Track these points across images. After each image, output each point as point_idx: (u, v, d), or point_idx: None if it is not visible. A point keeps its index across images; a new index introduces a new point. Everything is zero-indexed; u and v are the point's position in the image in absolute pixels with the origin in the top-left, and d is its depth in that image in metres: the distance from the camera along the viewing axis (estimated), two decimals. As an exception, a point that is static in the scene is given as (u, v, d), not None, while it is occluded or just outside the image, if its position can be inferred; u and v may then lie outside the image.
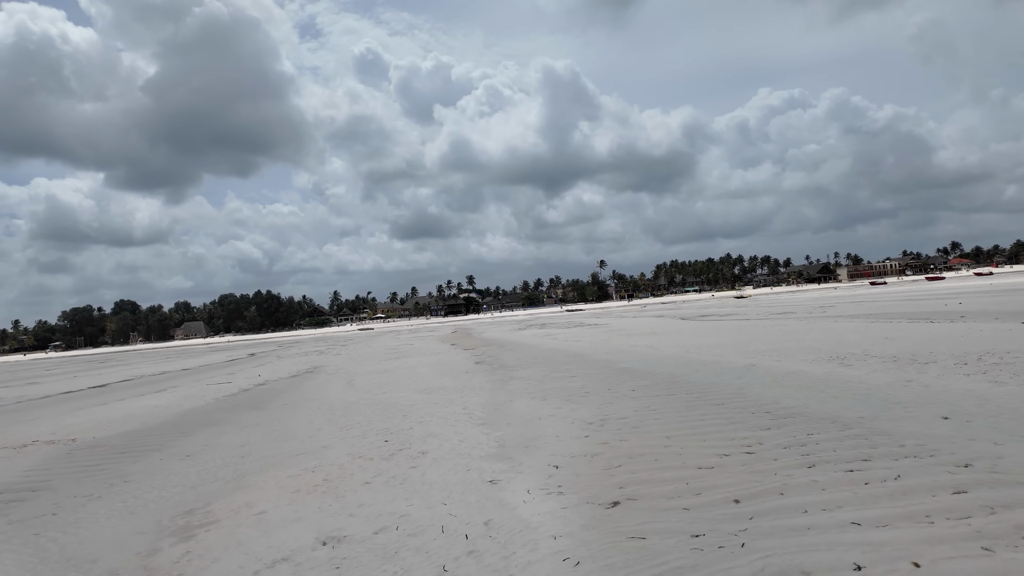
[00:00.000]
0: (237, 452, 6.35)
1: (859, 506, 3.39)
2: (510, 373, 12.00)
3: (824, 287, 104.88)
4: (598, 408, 7.14)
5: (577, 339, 21.08)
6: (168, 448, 6.96)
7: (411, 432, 6.58)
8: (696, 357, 11.82)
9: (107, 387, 17.81)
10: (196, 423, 8.84)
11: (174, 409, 10.74)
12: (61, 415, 11.16)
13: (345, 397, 10.41)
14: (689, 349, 13.56)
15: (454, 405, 8.39)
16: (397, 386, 11.49)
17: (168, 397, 12.94)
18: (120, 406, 11.91)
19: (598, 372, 10.83)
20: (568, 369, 11.74)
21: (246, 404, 10.68)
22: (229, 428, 8.10)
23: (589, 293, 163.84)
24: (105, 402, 13.01)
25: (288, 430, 7.51)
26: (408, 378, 12.78)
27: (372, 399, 9.83)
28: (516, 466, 4.82)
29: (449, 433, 6.34)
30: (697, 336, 17.41)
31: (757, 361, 10.39)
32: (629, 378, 9.66)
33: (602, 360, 12.87)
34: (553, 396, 8.42)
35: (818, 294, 58.93)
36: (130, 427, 8.96)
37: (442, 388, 10.53)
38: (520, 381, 10.55)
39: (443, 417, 7.44)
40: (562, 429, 6.08)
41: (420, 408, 8.40)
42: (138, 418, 9.89)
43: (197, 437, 7.54)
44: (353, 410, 8.78)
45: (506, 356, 16.40)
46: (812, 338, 13.65)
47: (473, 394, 9.38)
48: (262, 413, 9.37)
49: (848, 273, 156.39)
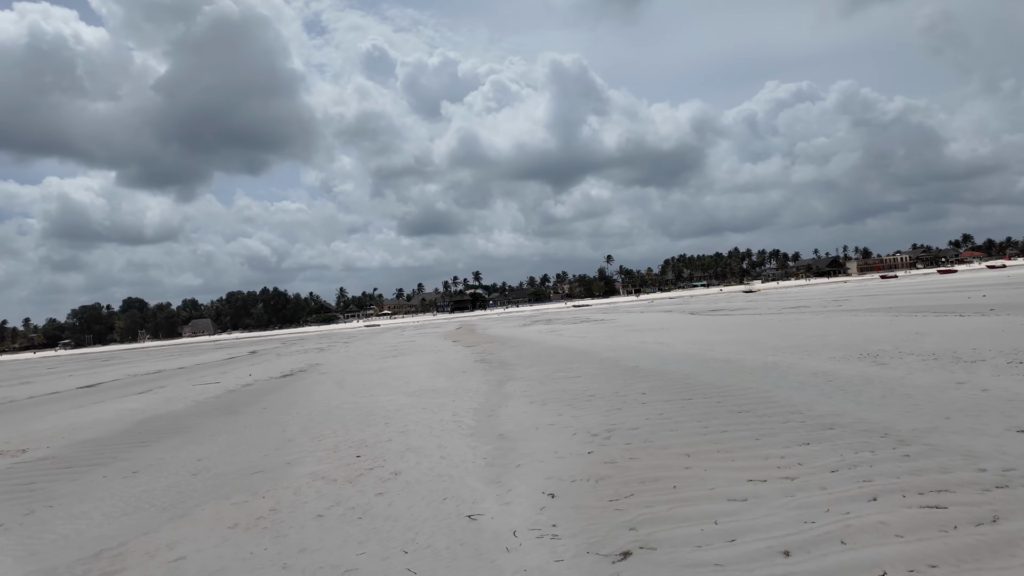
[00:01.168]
0: (190, 469, 5.55)
1: (955, 565, 2.51)
2: (509, 373, 11.15)
3: (834, 281, 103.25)
4: (604, 415, 6.28)
5: (582, 335, 20.21)
6: (118, 462, 6.17)
7: (389, 445, 5.75)
8: (710, 355, 10.92)
9: (95, 387, 17.13)
10: (163, 430, 8.06)
11: (148, 413, 9.98)
12: (30, 420, 10.43)
13: (329, 400, 9.60)
14: (702, 346, 12.65)
15: (444, 411, 7.55)
16: (387, 387, 10.68)
17: (148, 399, 12.19)
18: (96, 409, 11.17)
19: (604, 372, 9.96)
20: (572, 368, 10.88)
21: (224, 408, 9.90)
22: (195, 437, 7.31)
23: (596, 288, 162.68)
24: (83, 404, 12.28)
25: (256, 441, 6.70)
26: (401, 378, 11.96)
27: (357, 403, 9.01)
28: (504, 494, 3.97)
29: (431, 447, 5.50)
30: (709, 332, 16.48)
31: (778, 359, 9.48)
32: (638, 379, 8.78)
33: (608, 358, 11.99)
34: (554, 400, 7.56)
35: (829, 288, 57.66)
36: (92, 435, 8.19)
37: (434, 390, 9.70)
38: (519, 382, 9.71)
39: (429, 426, 6.60)
40: (562, 442, 5.23)
41: (406, 414, 7.56)
42: (106, 424, 9.13)
43: (156, 448, 6.75)
44: (333, 416, 7.96)
45: (507, 354, 15.55)
46: (835, 333, 12.70)
47: (467, 397, 8.54)
48: (237, 419, 8.57)
49: (858, 267, 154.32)
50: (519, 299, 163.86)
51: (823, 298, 32.80)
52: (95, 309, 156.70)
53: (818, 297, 35.15)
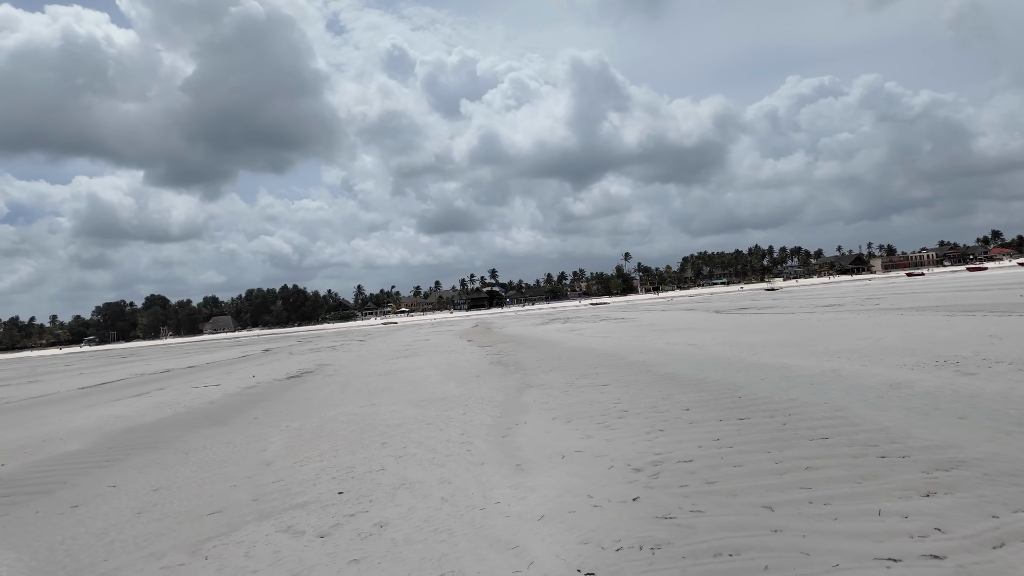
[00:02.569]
0: (138, 504, 4.55)
1: None
2: (528, 378, 10.05)
3: (858, 279, 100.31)
4: (645, 439, 5.14)
5: (605, 335, 19.02)
6: (65, 490, 5.21)
7: (381, 476, 4.68)
8: (754, 359, 9.69)
9: (95, 388, 16.44)
10: (135, 445, 7.12)
11: (131, 421, 9.09)
12: (2, 429, 9.62)
13: (326, 410, 8.60)
14: (742, 349, 11.41)
15: (451, 427, 6.47)
16: (393, 394, 9.65)
17: (140, 404, 11.35)
18: (79, 416, 10.34)
19: (636, 378, 8.81)
20: (597, 374, 9.74)
21: (213, 417, 8.96)
22: (165, 456, 6.34)
23: (614, 286, 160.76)
24: (71, 409, 11.48)
25: (230, 463, 5.70)
26: (409, 383, 10.93)
27: (355, 414, 7.99)
28: (524, 570, 2.87)
29: (432, 482, 4.42)
30: (743, 332, 15.19)
31: (838, 366, 8.23)
32: (676, 388, 7.61)
33: (637, 362, 10.82)
34: (581, 416, 6.43)
35: (856, 286, 55.44)
36: (57, 450, 7.29)
37: (443, 399, 8.64)
38: (539, 391, 8.60)
39: (432, 449, 5.52)
40: (596, 479, 4.11)
41: (407, 430, 6.50)
42: (80, 435, 8.24)
43: (114, 471, 5.79)
44: (326, 431, 6.94)
45: (525, 356, 14.46)
46: (891, 336, 11.36)
47: (479, 410, 7.45)
48: (221, 431, 7.60)
49: (882, 264, 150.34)
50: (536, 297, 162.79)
51: (854, 296, 31.11)
52: (119, 306, 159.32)
53: (849, 295, 33.43)
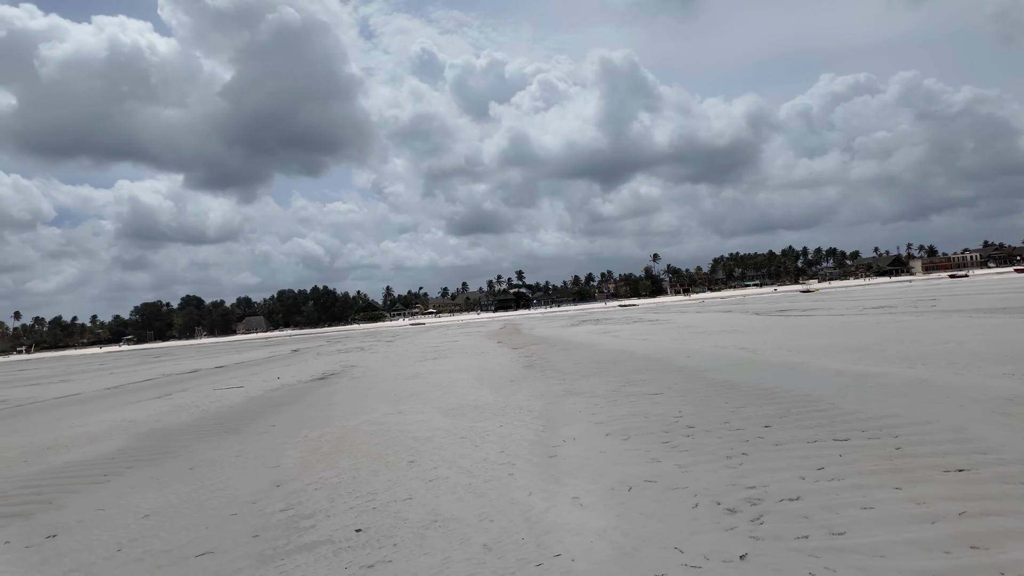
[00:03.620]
0: (119, 538, 3.83)
1: None
2: (568, 384, 9.16)
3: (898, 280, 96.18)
4: (727, 466, 4.22)
5: (642, 337, 17.98)
6: (47, 512, 4.55)
7: (408, 510, 3.87)
8: (821, 365, 8.61)
9: (119, 389, 16.17)
10: (140, 456, 6.49)
11: (143, 427, 8.53)
12: (7, 434, 9.17)
13: (349, 417, 7.86)
14: (800, 353, 10.31)
15: (488, 443, 5.64)
16: (421, 400, 8.88)
17: (158, 407, 10.84)
18: (93, 420, 9.86)
19: (690, 386, 7.84)
20: (644, 380, 8.80)
21: (229, 423, 8.33)
22: (167, 471, 5.67)
23: (642, 288, 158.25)
24: (87, 412, 11.05)
25: (236, 483, 4.97)
26: (438, 387, 10.16)
27: (380, 423, 7.22)
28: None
29: (469, 519, 3.59)
30: (795, 335, 13.99)
31: (924, 374, 7.12)
32: (743, 399, 6.64)
33: (687, 367, 9.83)
34: (638, 432, 5.53)
35: (898, 287, 52.79)
36: (60, 459, 6.71)
37: (476, 407, 7.82)
38: (582, 398, 7.71)
39: (467, 471, 4.69)
40: (681, 526, 3.22)
41: (438, 446, 5.69)
42: (86, 443, 7.68)
43: (107, 490, 5.12)
44: (346, 443, 6.18)
45: (560, 359, 13.56)
46: (972, 339, 10.10)
47: (517, 421, 6.61)
48: (234, 441, 6.93)
49: (923, 265, 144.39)
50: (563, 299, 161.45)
51: (901, 298, 29.28)
52: (156, 306, 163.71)
53: (894, 297, 31.56)
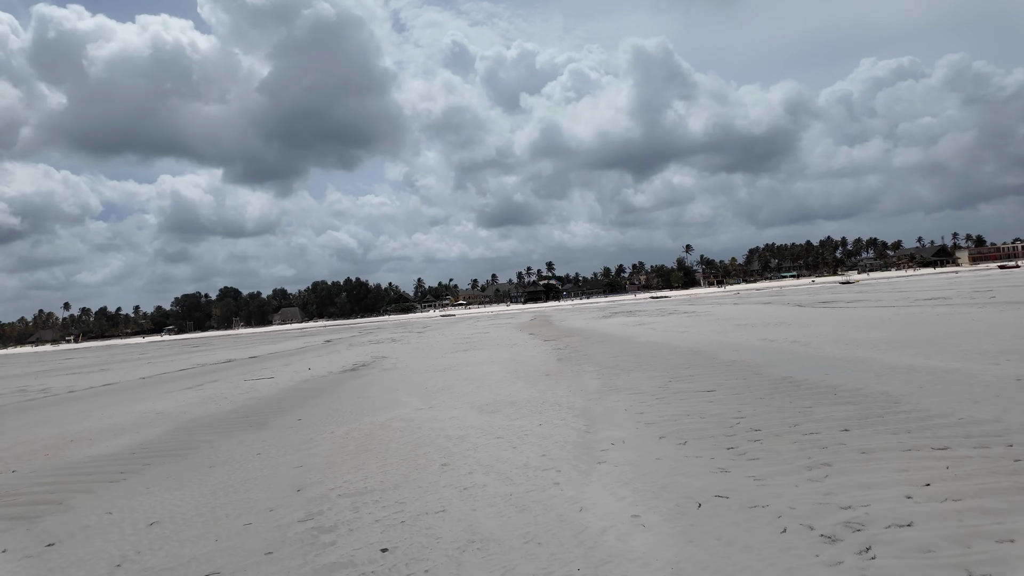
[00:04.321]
0: (118, 554, 3.45)
1: None
2: (608, 379, 8.57)
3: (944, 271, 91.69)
4: (810, 479, 3.59)
5: (682, 329, 17.19)
6: (56, 515, 4.23)
7: (441, 525, 3.38)
8: (888, 360, 7.80)
9: (155, 378, 16.27)
10: (162, 451, 6.20)
11: (170, 420, 8.31)
12: (37, 425, 9.09)
13: (378, 412, 7.45)
14: (859, 347, 9.46)
15: (527, 445, 5.12)
16: (453, 394, 8.42)
17: (187, 398, 10.69)
18: (126, 409, 9.74)
19: (745, 383, 7.16)
20: (692, 376, 8.14)
21: (256, 416, 8.03)
22: (186, 469, 5.33)
23: (674, 279, 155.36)
24: (118, 402, 10.98)
25: (255, 485, 4.58)
26: (470, 381, 9.70)
27: (410, 419, 6.79)
28: None
29: (513, 540, 3.07)
30: (850, 328, 13.03)
31: (1019, 372, 6.29)
32: (809, 398, 5.94)
33: (736, 362, 9.11)
34: (697, 435, 4.92)
35: (945, 279, 50.10)
36: (82, 453, 6.49)
37: (512, 403, 7.31)
38: (626, 395, 7.11)
39: (507, 477, 4.18)
40: (770, 558, 2.63)
41: (472, 447, 5.20)
42: (113, 435, 7.47)
43: (124, 488, 4.80)
44: (375, 442, 5.75)
45: (596, 352, 12.95)
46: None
47: (558, 419, 6.06)
48: (258, 437, 6.59)
49: (970, 256, 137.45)
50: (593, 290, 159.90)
51: (954, 289, 27.55)
52: (195, 297, 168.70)
53: (946, 288, 29.79)
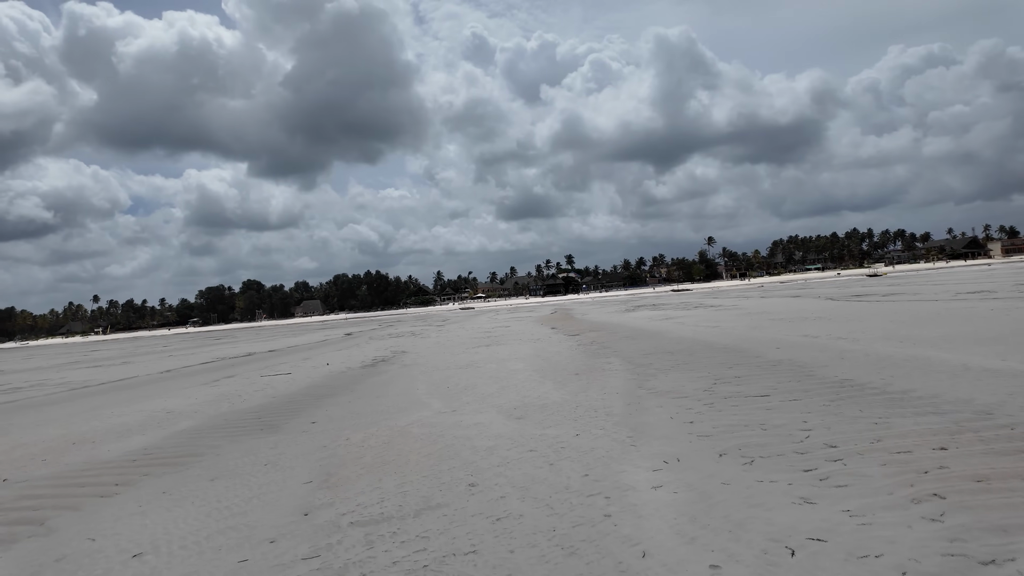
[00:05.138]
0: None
1: None
2: (645, 380, 7.91)
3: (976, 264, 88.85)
4: (919, 514, 2.92)
5: (712, 324, 16.39)
6: (35, 539, 3.76)
7: (471, 573, 2.80)
8: (955, 360, 6.98)
9: (173, 372, 16.05)
10: (164, 458, 5.74)
11: (179, 421, 7.88)
12: (41, 425, 8.77)
13: (398, 415, 6.91)
14: (914, 344, 8.62)
15: (565, 461, 4.51)
16: (477, 394, 7.86)
17: (201, 395, 10.32)
18: (137, 407, 9.38)
19: (799, 385, 6.44)
20: (739, 377, 7.42)
21: (268, 417, 7.57)
22: (185, 482, 4.84)
23: (696, 272, 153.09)
24: (134, 398, 10.65)
25: (256, 505, 4.06)
26: (495, 380, 9.12)
27: (432, 424, 6.23)
28: None
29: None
30: (896, 324, 12.10)
31: None
32: (877, 404, 5.21)
33: (782, 361, 8.36)
34: (760, 451, 4.25)
35: (978, 271, 48.15)
36: (82, 457, 6.07)
37: (542, 406, 6.71)
38: (668, 399, 6.45)
39: (546, 506, 3.58)
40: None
41: (503, 462, 4.61)
42: (117, 437, 7.06)
43: (114, 506, 4.32)
44: (393, 451, 5.20)
45: (626, 347, 12.28)
46: None
47: (595, 428, 5.44)
48: (269, 441, 6.10)
49: (1003, 248, 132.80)
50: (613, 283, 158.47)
51: (995, 282, 26.17)
52: (219, 290, 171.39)
53: (985, 280, 28.38)
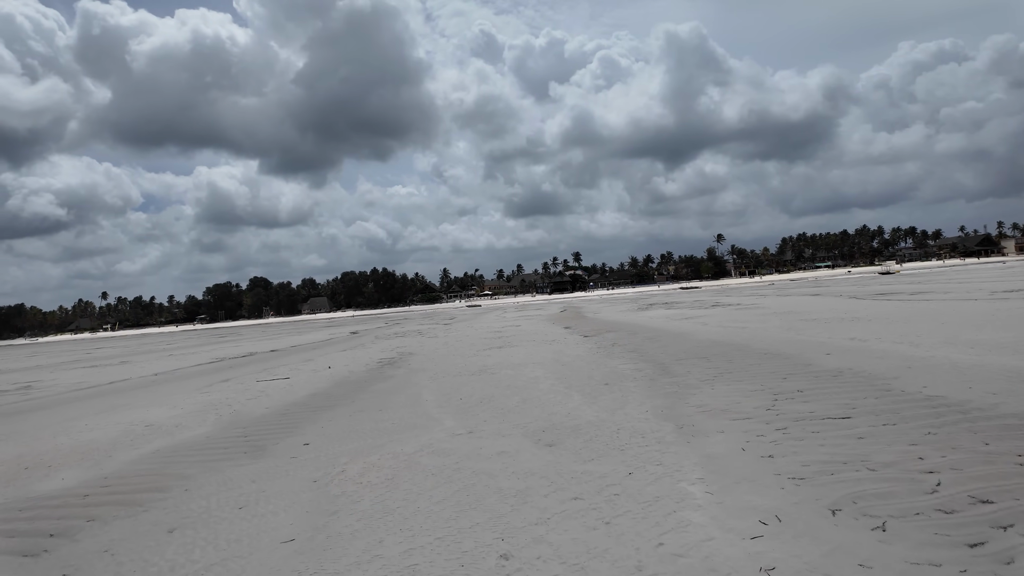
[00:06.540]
0: None
1: None
2: (687, 393, 6.86)
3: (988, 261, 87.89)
4: None
5: (739, 325, 15.31)
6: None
7: None
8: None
9: (166, 375, 15.15)
10: (124, 493, 4.76)
11: (156, 438, 6.92)
12: (8, 438, 7.84)
13: (405, 438, 5.91)
14: (990, 351, 7.52)
15: (625, 519, 3.48)
16: (496, 410, 6.85)
17: (188, 404, 9.36)
18: (114, 419, 8.42)
19: (883, 403, 5.37)
20: (800, 392, 6.36)
21: (256, 436, 6.59)
22: (141, 528, 3.86)
23: (704, 269, 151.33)
24: (113, 407, 9.71)
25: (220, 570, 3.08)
26: (514, 390, 8.11)
27: (446, 451, 5.22)
28: None
29: None
30: (951, 326, 10.96)
31: None
32: (1008, 435, 4.17)
33: (843, 370, 7.27)
34: (886, 506, 3.21)
35: (995, 269, 46.74)
36: (33, 490, 5.11)
37: (575, 428, 5.69)
38: (726, 421, 5.41)
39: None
40: None
41: (542, 521, 3.59)
42: (81, 457, 6.10)
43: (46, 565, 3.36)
44: (400, 491, 4.20)
45: (651, 350, 11.23)
46: None
47: (649, 462, 4.41)
48: (252, 470, 5.11)
49: (1016, 245, 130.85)
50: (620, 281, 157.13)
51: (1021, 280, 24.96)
52: (226, 287, 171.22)
53: (1011, 279, 27.13)
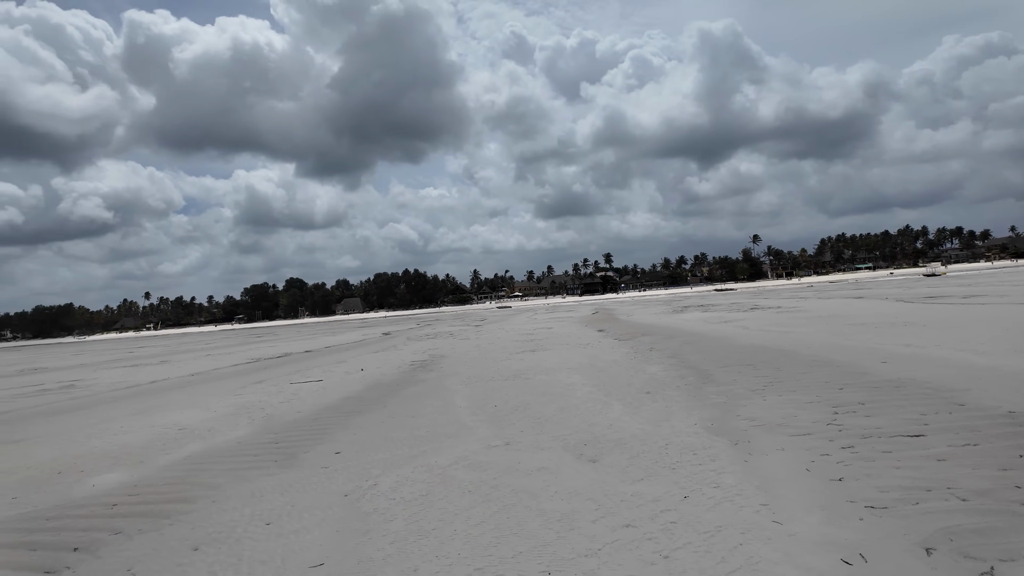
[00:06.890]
0: None
1: None
2: (733, 401, 6.40)
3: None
4: None
5: (782, 329, 14.60)
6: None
7: None
8: None
9: (203, 376, 15.32)
10: (149, 505, 4.61)
11: (186, 443, 6.83)
12: (37, 443, 7.87)
13: (439, 448, 5.63)
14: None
15: (686, 553, 3.08)
16: (533, 419, 6.52)
17: (222, 407, 9.31)
18: (148, 421, 8.42)
19: (957, 419, 4.82)
20: (861, 404, 5.82)
21: (287, 443, 6.42)
22: (165, 546, 3.68)
23: (739, 271, 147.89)
24: (148, 408, 9.75)
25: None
26: (550, 396, 7.76)
27: (482, 464, 4.91)
28: None
29: None
30: (1008, 330, 10.09)
31: None
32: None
33: (904, 381, 6.68)
34: (981, 545, 2.74)
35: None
36: (59, 498, 5.02)
37: (618, 441, 5.31)
38: (785, 437, 4.95)
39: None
40: None
41: (591, 552, 3.22)
42: (111, 463, 6.02)
43: None
44: (431, 514, 3.91)
45: (690, 356, 10.72)
46: None
47: (704, 483, 4.01)
48: (283, 480, 4.91)
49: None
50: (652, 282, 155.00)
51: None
52: (263, 288, 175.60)
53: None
